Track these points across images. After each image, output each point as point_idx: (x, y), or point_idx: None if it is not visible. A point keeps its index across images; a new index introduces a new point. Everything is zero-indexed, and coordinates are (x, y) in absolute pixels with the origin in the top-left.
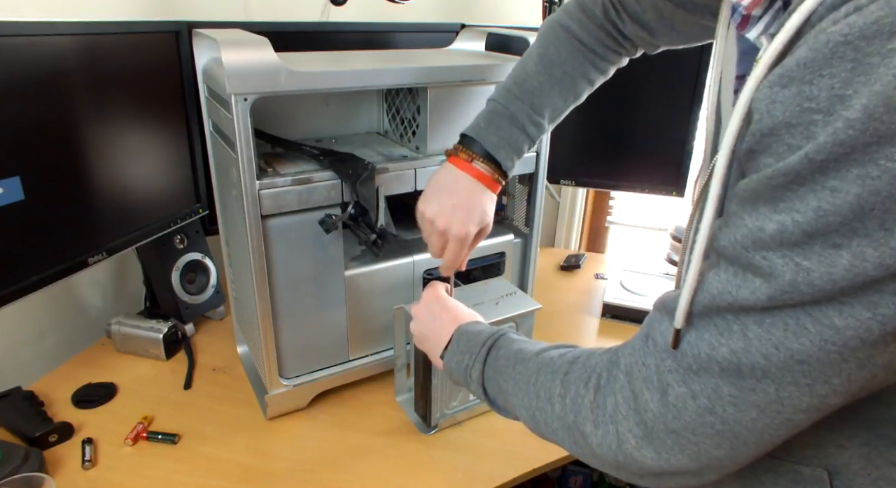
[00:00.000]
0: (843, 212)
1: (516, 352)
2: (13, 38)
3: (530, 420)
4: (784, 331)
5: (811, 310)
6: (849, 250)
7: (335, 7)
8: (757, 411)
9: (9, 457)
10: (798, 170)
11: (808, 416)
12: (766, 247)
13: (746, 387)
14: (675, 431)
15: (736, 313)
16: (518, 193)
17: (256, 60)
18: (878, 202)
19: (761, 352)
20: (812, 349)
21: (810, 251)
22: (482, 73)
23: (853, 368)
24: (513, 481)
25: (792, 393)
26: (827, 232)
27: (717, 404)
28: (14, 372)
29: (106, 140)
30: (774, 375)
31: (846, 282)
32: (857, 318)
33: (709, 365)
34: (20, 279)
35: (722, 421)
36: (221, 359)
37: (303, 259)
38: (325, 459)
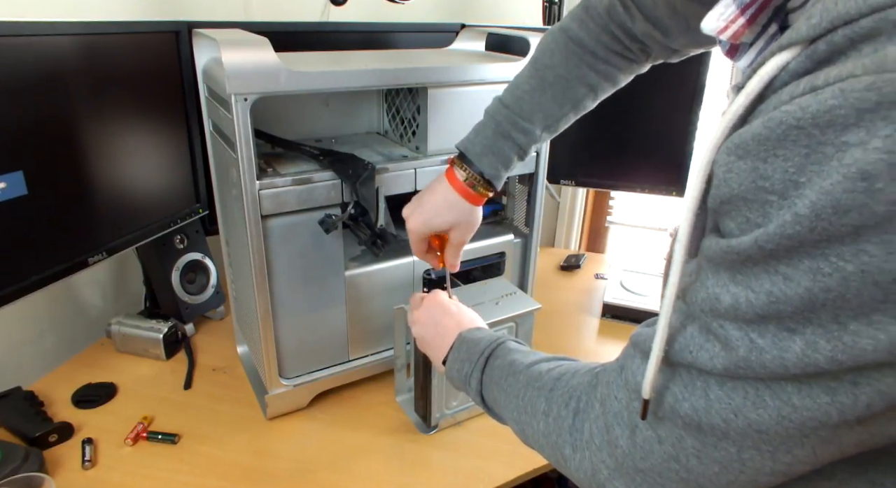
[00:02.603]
0: (795, 302)
1: (510, 363)
2: (13, 38)
3: (520, 432)
4: (744, 399)
5: (771, 383)
6: (802, 337)
7: (335, 7)
8: (720, 467)
9: (9, 457)
10: (750, 253)
11: (775, 479)
12: (722, 316)
13: (708, 444)
14: (642, 471)
15: (703, 377)
16: (518, 193)
17: (256, 60)
18: (830, 299)
19: (721, 415)
20: (770, 422)
21: (765, 330)
22: (482, 73)
23: (817, 443)
24: (513, 481)
25: (753, 456)
26: (780, 316)
27: (681, 453)
28: (14, 372)
29: (106, 140)
30: (734, 438)
31: (798, 370)
32: (815, 401)
33: (672, 416)
34: (20, 279)
35: (686, 470)
36: (221, 359)
37: (303, 259)
38: (325, 459)
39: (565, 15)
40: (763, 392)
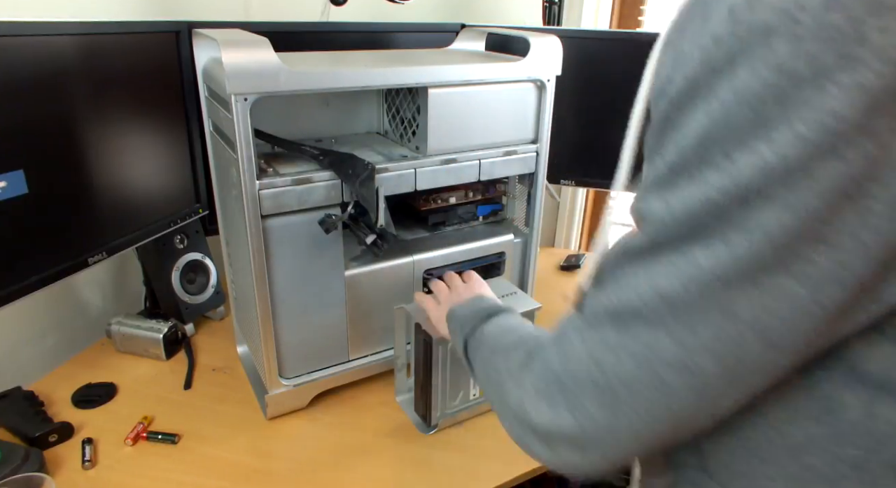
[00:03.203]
0: (695, 144)
1: (516, 323)
2: (13, 38)
3: (482, 373)
4: (658, 272)
5: (683, 248)
6: (701, 181)
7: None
8: (631, 360)
9: (9, 457)
10: (667, 114)
11: (684, 383)
12: (647, 190)
13: (624, 332)
14: (563, 382)
15: (630, 261)
16: (518, 193)
17: (256, 60)
18: (718, 133)
19: (637, 291)
20: (678, 287)
21: (674, 186)
22: (482, 73)
23: (718, 317)
24: (513, 481)
25: (663, 341)
26: (684, 164)
27: (600, 353)
28: (14, 372)
29: (106, 139)
30: (646, 317)
31: (698, 210)
32: (715, 255)
33: (600, 313)
34: (20, 279)
35: (602, 372)
36: (221, 359)
37: (303, 259)
38: (325, 459)
39: None
40: (676, 258)
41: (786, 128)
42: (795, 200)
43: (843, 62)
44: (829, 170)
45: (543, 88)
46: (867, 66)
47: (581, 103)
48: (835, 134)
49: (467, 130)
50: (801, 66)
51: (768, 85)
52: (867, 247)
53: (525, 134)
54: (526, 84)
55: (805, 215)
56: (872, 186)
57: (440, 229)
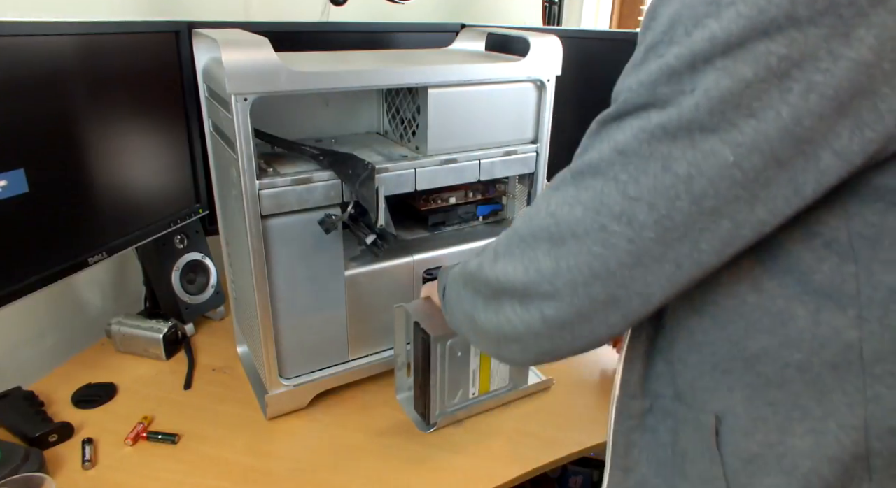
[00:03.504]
0: (665, 27)
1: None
2: (13, 38)
3: (452, 295)
4: (618, 131)
5: (639, 112)
6: (665, 54)
7: (335, 7)
8: (582, 209)
9: (9, 457)
10: (649, 11)
11: (623, 234)
12: (625, 74)
13: (582, 186)
14: (522, 237)
15: (599, 129)
16: (518, 193)
17: (256, 60)
18: (685, 12)
19: (599, 149)
20: (630, 139)
21: (646, 62)
22: (482, 73)
23: (657, 168)
24: (513, 481)
25: (610, 190)
26: (655, 43)
27: (558, 207)
28: (14, 372)
29: (106, 139)
30: (601, 170)
31: (659, 74)
32: (666, 114)
33: (565, 176)
34: (20, 279)
35: (556, 223)
36: (221, 359)
37: (303, 259)
38: (325, 459)
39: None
40: (634, 120)
41: (732, 8)
42: (731, 66)
43: None
44: (761, 47)
45: (543, 88)
46: None
47: (581, 103)
48: (767, 15)
49: (467, 130)
50: None
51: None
52: (785, 123)
53: (525, 134)
54: (526, 84)
55: (738, 80)
56: (794, 70)
57: (440, 229)
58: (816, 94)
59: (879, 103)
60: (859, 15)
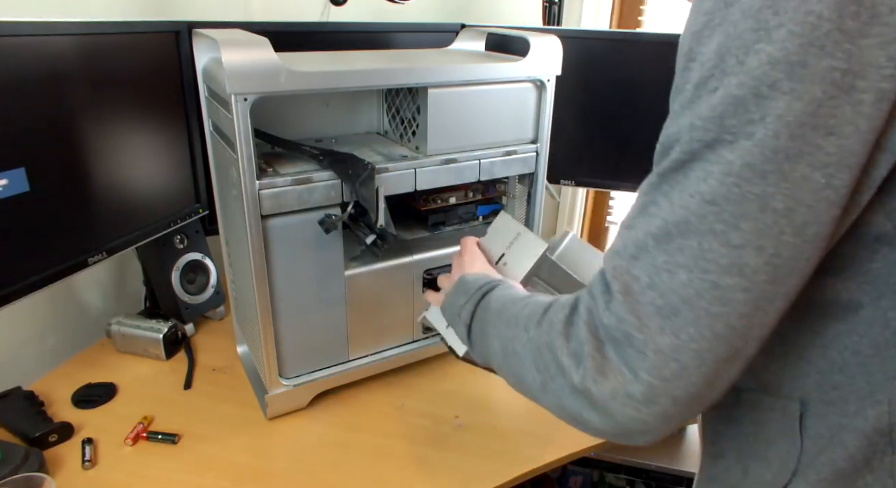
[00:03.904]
0: (714, 58)
1: (511, 294)
2: (13, 38)
3: (501, 353)
4: (696, 180)
5: (710, 155)
6: (721, 87)
7: (335, 7)
8: (685, 272)
9: (9, 457)
10: (690, 48)
11: (737, 284)
12: (676, 116)
13: (675, 249)
14: (622, 319)
15: (665, 180)
16: (518, 193)
17: (256, 60)
18: (730, 42)
19: (681, 204)
20: (717, 187)
21: (699, 100)
22: (482, 73)
23: (755, 210)
24: (513, 481)
25: (711, 244)
26: (706, 78)
27: (654, 277)
28: (14, 371)
29: (106, 139)
30: (694, 225)
31: (723, 107)
32: (742, 148)
33: (645, 242)
34: (20, 279)
35: (660, 295)
36: (221, 358)
37: (303, 259)
38: (325, 459)
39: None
40: (708, 166)
41: (782, 28)
42: (800, 87)
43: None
44: (822, 62)
45: (543, 88)
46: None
47: (581, 103)
48: (819, 31)
49: (467, 130)
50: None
51: (764, 0)
52: (863, 133)
53: (525, 134)
54: (526, 84)
55: (809, 101)
56: (857, 80)
57: (440, 229)
58: (887, 101)
59: None
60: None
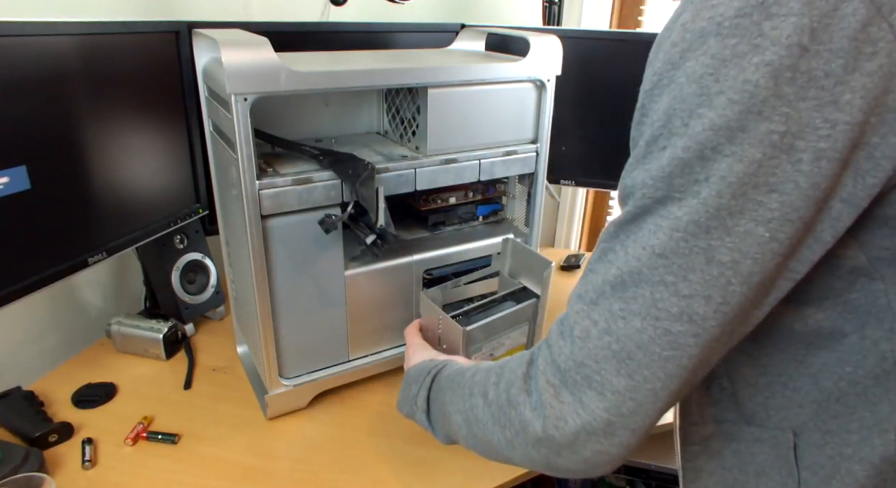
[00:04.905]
0: (662, 119)
1: (458, 369)
2: (13, 38)
3: (464, 425)
4: (648, 233)
5: (661, 211)
6: (669, 146)
7: (335, 7)
8: (639, 320)
9: (9, 457)
10: (643, 104)
11: (688, 331)
12: (631, 169)
13: (629, 297)
14: (581, 363)
15: (621, 231)
16: (518, 193)
17: (256, 60)
18: (675, 108)
19: (634, 255)
20: (667, 241)
21: (650, 156)
22: (482, 73)
23: (702, 262)
24: (513, 481)
25: (662, 294)
26: (655, 136)
27: (611, 323)
28: (14, 371)
29: (106, 139)
30: (646, 276)
31: (671, 168)
32: (689, 206)
33: (603, 288)
34: (20, 279)
35: (616, 340)
36: (221, 359)
37: (303, 259)
38: (325, 459)
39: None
40: (659, 220)
41: (722, 96)
42: (740, 151)
43: (751, 48)
44: (760, 126)
45: (543, 88)
46: (768, 50)
47: (581, 103)
48: (756, 98)
49: (467, 130)
50: (726, 53)
51: (706, 67)
52: (803, 190)
53: (525, 134)
54: (526, 84)
55: (750, 162)
56: (798, 142)
57: (440, 229)
58: (826, 159)
59: (873, 151)
60: (840, 83)
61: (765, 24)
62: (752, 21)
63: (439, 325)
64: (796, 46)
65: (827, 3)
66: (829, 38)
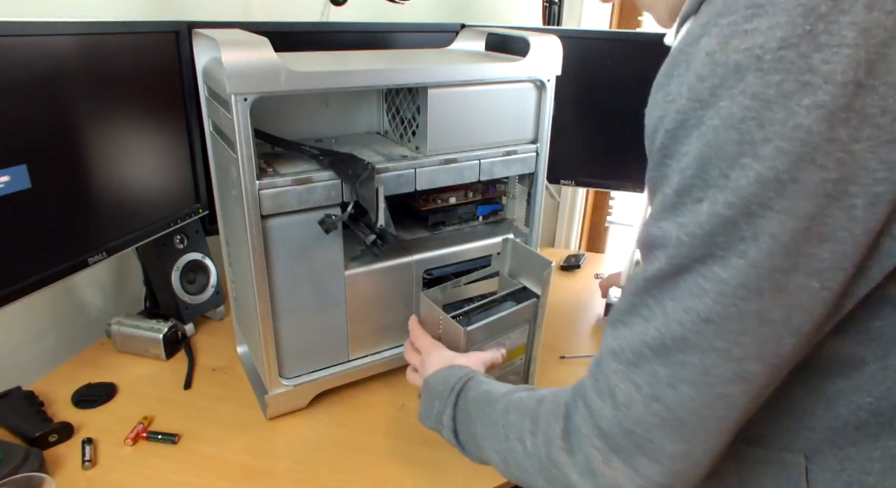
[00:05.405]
0: (695, 167)
1: (485, 393)
2: (13, 38)
3: (502, 463)
4: (689, 295)
5: (702, 270)
6: (707, 200)
7: (335, 7)
8: (691, 387)
9: (9, 457)
10: (664, 144)
11: (742, 391)
12: (658, 218)
13: (676, 363)
14: (630, 431)
15: (655, 289)
16: (518, 193)
17: (256, 60)
18: (713, 155)
19: (677, 319)
20: (713, 305)
21: (683, 208)
22: (482, 73)
23: (754, 325)
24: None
25: (713, 360)
26: (687, 186)
27: (657, 389)
28: (14, 372)
29: (106, 139)
30: (693, 342)
31: (710, 226)
32: (735, 267)
33: (642, 351)
34: (20, 279)
35: (667, 408)
36: (221, 359)
37: (303, 259)
38: (325, 459)
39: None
40: (700, 281)
41: (769, 144)
42: (792, 206)
43: (800, 87)
44: (812, 176)
45: (543, 88)
46: (820, 89)
47: (581, 103)
48: (809, 145)
49: (467, 130)
50: (770, 93)
51: (747, 109)
52: (856, 237)
53: (525, 134)
54: (526, 84)
55: (803, 217)
56: (849, 186)
57: (440, 229)
58: (881, 203)
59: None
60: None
61: (814, 56)
62: (798, 53)
63: (440, 325)
64: (851, 84)
65: (885, 30)
66: (887, 70)
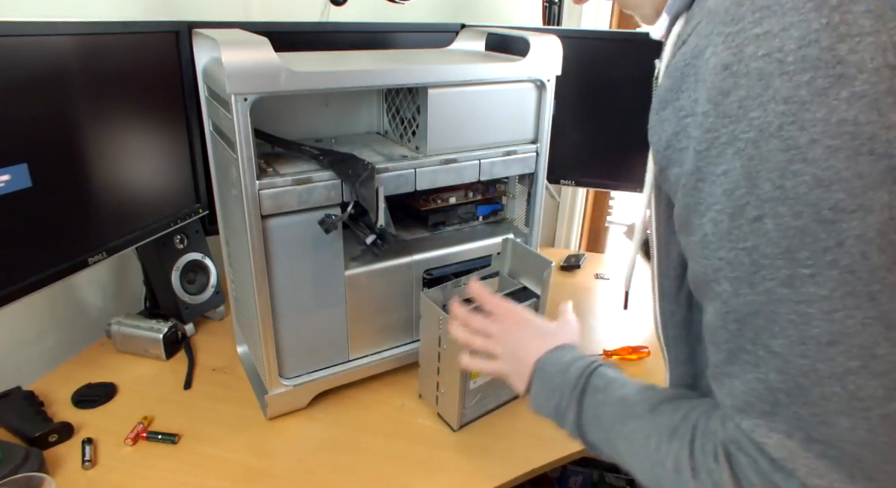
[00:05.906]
0: (743, 183)
1: (619, 400)
2: (13, 38)
3: (653, 483)
4: (794, 325)
5: (794, 295)
6: (767, 216)
7: (335, 7)
8: (846, 419)
9: (9, 457)
10: (696, 166)
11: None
12: (715, 248)
13: (819, 400)
14: (803, 484)
15: (745, 331)
16: (518, 193)
17: (256, 60)
18: (756, 165)
19: (795, 353)
20: (829, 326)
21: (742, 231)
22: (482, 73)
23: (882, 330)
24: (513, 481)
25: (857, 382)
26: (740, 206)
27: (810, 431)
28: (14, 372)
29: (106, 139)
30: (826, 372)
31: (786, 241)
32: (832, 280)
33: (775, 397)
34: (20, 279)
35: (829, 446)
36: (221, 359)
37: (303, 259)
38: (325, 459)
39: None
40: (794, 305)
41: (816, 145)
42: (866, 201)
43: (834, 80)
44: (876, 166)
45: (543, 88)
46: (856, 79)
47: (581, 103)
48: (861, 137)
49: (467, 130)
50: (803, 93)
51: (782, 115)
52: None
53: (525, 134)
54: (526, 84)
55: (882, 207)
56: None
57: (440, 229)
58: None
59: None
60: None
61: (839, 47)
62: (822, 48)
63: (440, 325)
64: (886, 68)
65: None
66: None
